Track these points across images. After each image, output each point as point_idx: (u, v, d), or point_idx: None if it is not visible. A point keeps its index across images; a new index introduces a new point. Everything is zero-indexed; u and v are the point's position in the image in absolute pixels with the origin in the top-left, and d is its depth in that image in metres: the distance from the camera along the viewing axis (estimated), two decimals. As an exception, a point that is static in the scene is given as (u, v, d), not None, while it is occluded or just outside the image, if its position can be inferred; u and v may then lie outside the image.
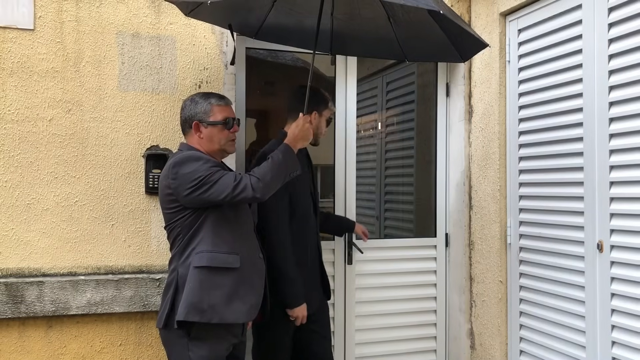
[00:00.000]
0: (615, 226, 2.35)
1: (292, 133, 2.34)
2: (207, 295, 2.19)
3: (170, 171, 2.23)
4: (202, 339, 2.22)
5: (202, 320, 2.18)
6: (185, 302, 2.18)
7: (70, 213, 2.79)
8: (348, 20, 2.67)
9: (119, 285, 2.79)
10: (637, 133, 2.27)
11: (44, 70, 2.76)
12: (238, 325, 2.33)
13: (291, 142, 2.32)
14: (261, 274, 2.38)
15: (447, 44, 2.53)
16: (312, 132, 2.41)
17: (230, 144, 2.38)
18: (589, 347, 2.44)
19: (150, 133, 2.91)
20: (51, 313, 2.70)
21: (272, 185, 2.23)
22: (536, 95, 2.85)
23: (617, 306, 2.33)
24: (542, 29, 2.79)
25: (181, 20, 2.93)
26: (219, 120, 2.34)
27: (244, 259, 2.27)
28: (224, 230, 2.25)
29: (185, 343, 2.22)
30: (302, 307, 2.56)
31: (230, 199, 2.16)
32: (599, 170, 2.42)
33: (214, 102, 2.36)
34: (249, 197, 2.17)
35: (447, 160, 3.57)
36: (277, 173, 2.23)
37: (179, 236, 2.27)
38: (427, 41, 2.63)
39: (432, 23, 2.39)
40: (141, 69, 2.90)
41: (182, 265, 2.24)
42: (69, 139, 2.80)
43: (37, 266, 2.75)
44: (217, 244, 2.23)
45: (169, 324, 2.24)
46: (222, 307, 2.20)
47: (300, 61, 3.90)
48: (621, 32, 2.32)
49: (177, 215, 2.26)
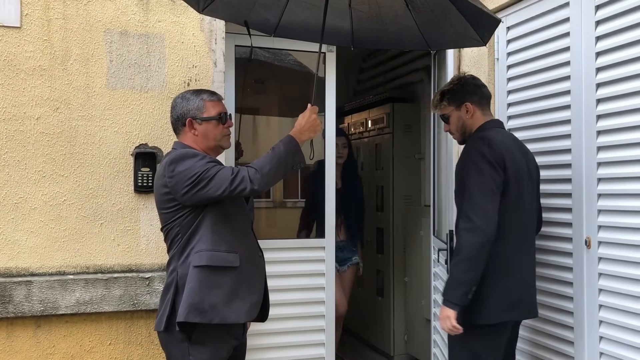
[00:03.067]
0: (602, 222, 2.37)
1: (298, 124, 2.27)
2: (207, 295, 2.15)
3: (166, 170, 2.19)
4: (203, 343, 2.18)
5: (204, 321, 2.14)
6: (186, 303, 2.14)
7: (59, 212, 2.78)
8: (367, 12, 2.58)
9: (108, 285, 2.78)
10: (624, 130, 2.29)
11: (31, 68, 2.74)
12: (239, 326, 2.30)
13: (296, 133, 2.25)
14: (261, 273, 2.36)
15: (466, 28, 2.41)
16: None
17: (225, 139, 2.35)
18: (577, 343, 2.46)
19: (139, 131, 2.90)
20: (40, 313, 2.69)
21: (271, 177, 2.17)
22: (524, 92, 2.86)
23: (604, 302, 2.35)
24: (531, 26, 2.80)
25: (169, 17, 2.92)
26: (213, 115, 2.31)
27: (243, 257, 2.24)
28: (222, 229, 2.22)
29: (185, 347, 2.18)
30: None
31: (229, 193, 2.12)
32: (586, 167, 2.43)
33: (206, 98, 2.33)
34: (247, 189, 2.13)
35: (437, 157, 3.58)
36: (277, 165, 2.17)
37: (178, 236, 2.22)
38: (447, 27, 2.52)
39: (449, 6, 2.28)
40: (129, 67, 2.88)
41: (182, 265, 2.20)
42: (57, 138, 2.78)
43: (25, 265, 2.73)
44: (216, 243, 2.20)
45: (169, 327, 2.19)
46: (223, 307, 2.16)
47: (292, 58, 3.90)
48: (608, 30, 2.34)
49: (175, 214, 2.22)
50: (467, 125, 2.52)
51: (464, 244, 2.27)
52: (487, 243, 2.26)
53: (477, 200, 2.28)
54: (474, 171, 2.32)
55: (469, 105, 2.50)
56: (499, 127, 2.52)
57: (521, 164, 2.40)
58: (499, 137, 2.41)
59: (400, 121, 4.67)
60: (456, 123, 2.55)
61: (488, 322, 2.33)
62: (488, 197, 2.28)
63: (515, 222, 2.37)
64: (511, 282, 2.34)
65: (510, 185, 2.34)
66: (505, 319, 2.38)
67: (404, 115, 4.68)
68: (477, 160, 2.32)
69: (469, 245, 2.26)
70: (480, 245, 2.25)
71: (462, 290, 2.27)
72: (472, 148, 2.39)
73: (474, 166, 2.33)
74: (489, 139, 2.37)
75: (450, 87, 2.56)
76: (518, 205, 2.38)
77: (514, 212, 2.36)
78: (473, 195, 2.30)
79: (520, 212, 2.39)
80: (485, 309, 2.31)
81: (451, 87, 2.56)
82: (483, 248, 2.25)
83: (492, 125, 2.51)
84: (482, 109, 2.53)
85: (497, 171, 2.31)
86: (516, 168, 2.37)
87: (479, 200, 2.28)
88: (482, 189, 2.29)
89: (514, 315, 2.40)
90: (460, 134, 2.57)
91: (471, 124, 2.52)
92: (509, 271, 2.35)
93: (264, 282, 2.37)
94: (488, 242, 2.26)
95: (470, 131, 2.53)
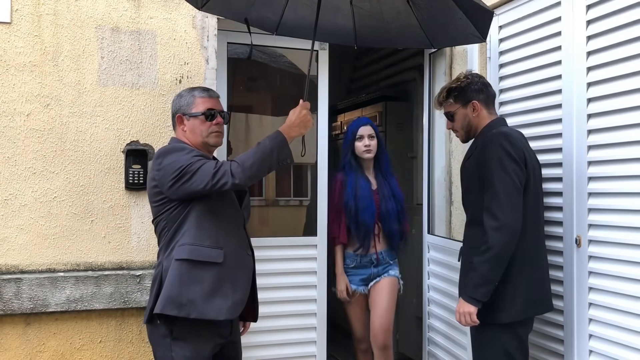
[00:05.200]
0: (592, 221, 2.38)
1: (288, 120, 2.26)
2: (186, 289, 2.15)
3: (154, 162, 2.23)
4: (185, 339, 2.18)
5: (181, 315, 2.14)
6: (164, 295, 2.14)
7: (49, 209, 2.76)
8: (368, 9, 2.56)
9: (98, 282, 2.76)
10: (615, 129, 2.30)
11: (21, 64, 2.72)
12: (225, 324, 2.28)
13: (285, 129, 2.23)
14: (248, 271, 2.34)
15: (467, 25, 2.39)
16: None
17: (212, 136, 2.33)
18: (566, 340, 2.47)
19: (130, 128, 2.88)
20: (29, 310, 2.67)
21: (254, 171, 2.15)
22: (516, 91, 2.87)
23: (594, 300, 2.36)
24: (522, 25, 2.80)
25: (161, 14, 2.91)
26: (200, 111, 2.31)
27: (228, 254, 2.23)
28: (207, 224, 2.22)
29: (167, 343, 2.18)
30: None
31: (211, 187, 2.12)
32: (577, 165, 2.44)
33: (197, 94, 2.35)
34: (228, 183, 2.12)
35: (431, 156, 3.58)
36: (260, 160, 2.15)
37: (165, 229, 2.24)
38: (449, 24, 2.51)
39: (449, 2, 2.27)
40: (121, 64, 2.87)
41: (167, 258, 2.21)
42: (47, 134, 2.76)
43: (15, 263, 2.71)
44: (200, 238, 2.20)
45: (152, 319, 2.20)
46: (202, 302, 2.15)
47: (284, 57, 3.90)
48: (599, 30, 2.35)
49: (162, 208, 2.23)
50: (473, 123, 2.51)
51: (494, 243, 2.25)
52: (515, 241, 2.27)
53: (502, 197, 2.27)
54: (497, 168, 2.30)
55: (476, 104, 2.48)
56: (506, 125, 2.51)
57: (534, 160, 2.42)
58: (516, 134, 2.41)
59: (393, 120, 4.67)
60: (461, 121, 2.53)
61: (516, 319, 2.33)
62: (513, 193, 2.28)
63: (535, 217, 2.38)
64: (534, 277, 2.36)
65: (530, 182, 2.35)
66: (531, 315, 2.41)
67: (397, 114, 4.67)
68: (500, 156, 2.30)
69: (498, 243, 2.25)
70: (509, 244, 2.26)
71: (487, 287, 2.28)
72: (493, 144, 2.35)
73: (497, 162, 2.30)
74: (508, 135, 2.36)
75: (457, 85, 2.52)
76: (536, 201, 2.39)
77: (533, 208, 2.37)
78: (498, 192, 2.28)
79: (538, 208, 2.41)
80: (511, 306, 2.31)
81: (458, 84, 2.52)
82: (510, 246, 2.26)
83: (500, 123, 2.50)
84: (488, 107, 2.52)
85: (520, 167, 2.31)
86: (533, 164, 2.38)
87: (504, 197, 2.27)
88: (506, 185, 2.28)
89: (537, 311, 2.43)
90: (464, 132, 2.55)
91: (477, 123, 2.51)
92: (532, 267, 2.36)
93: (250, 281, 2.36)
94: (515, 240, 2.27)
95: (476, 130, 2.51)
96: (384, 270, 3.30)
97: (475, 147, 2.48)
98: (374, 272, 3.29)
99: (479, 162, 2.40)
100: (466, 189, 2.54)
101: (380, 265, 3.30)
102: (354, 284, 3.28)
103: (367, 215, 3.21)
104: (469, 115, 2.50)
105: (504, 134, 2.37)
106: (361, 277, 3.28)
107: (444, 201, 3.45)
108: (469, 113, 2.50)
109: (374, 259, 3.27)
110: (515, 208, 2.27)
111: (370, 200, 3.23)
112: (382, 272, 3.29)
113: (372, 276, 3.29)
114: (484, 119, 2.50)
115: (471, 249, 2.43)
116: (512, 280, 2.31)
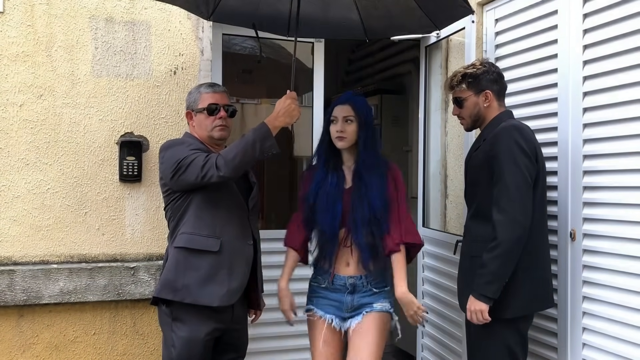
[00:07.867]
0: (587, 215, 2.39)
1: (275, 110, 2.26)
2: (182, 275, 2.26)
3: (159, 156, 2.36)
4: (183, 321, 2.28)
5: (175, 299, 2.25)
6: (162, 280, 2.29)
7: (42, 200, 2.74)
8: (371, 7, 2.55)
9: (92, 274, 2.75)
10: (610, 123, 2.30)
11: (14, 54, 2.70)
12: (225, 311, 2.32)
13: (270, 120, 2.24)
14: (247, 260, 2.39)
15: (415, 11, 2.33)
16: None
17: (216, 130, 2.39)
18: (560, 334, 2.48)
19: (125, 119, 2.87)
20: (22, 302, 2.66)
21: (237, 163, 2.18)
22: (512, 84, 2.86)
23: (587, 293, 2.37)
24: (519, 19, 2.80)
25: (156, 5, 2.89)
26: (203, 107, 2.39)
27: (225, 243, 2.30)
28: (206, 214, 2.30)
29: (169, 322, 2.30)
30: None
31: (201, 179, 2.20)
32: (572, 159, 2.45)
33: (202, 90, 2.43)
34: (214, 176, 2.18)
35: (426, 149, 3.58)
36: (243, 151, 2.18)
37: (171, 219, 2.36)
38: (393, 11, 2.44)
39: None
40: (115, 54, 2.85)
41: (171, 246, 2.33)
42: (40, 125, 2.74)
43: (8, 254, 2.70)
44: (198, 227, 2.29)
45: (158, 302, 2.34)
46: (196, 288, 2.25)
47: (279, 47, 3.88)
48: (595, 23, 2.35)
49: (168, 198, 2.35)
50: (482, 114, 2.44)
51: (503, 238, 2.20)
52: (524, 236, 2.21)
53: (513, 191, 2.21)
54: (509, 161, 2.24)
55: (489, 94, 2.42)
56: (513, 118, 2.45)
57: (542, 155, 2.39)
58: (527, 128, 2.36)
59: (389, 113, 4.66)
60: (471, 109, 2.45)
61: (520, 315, 2.31)
62: (524, 188, 2.23)
63: (542, 213, 2.35)
64: (539, 273, 2.33)
65: (540, 176, 2.31)
66: (535, 310, 2.39)
67: (392, 107, 4.67)
68: (512, 149, 2.24)
69: (508, 239, 2.20)
70: (519, 239, 2.20)
71: (498, 284, 2.22)
72: (506, 137, 2.28)
73: (509, 156, 2.24)
74: (520, 129, 2.30)
75: (473, 71, 2.43)
76: (543, 196, 2.37)
77: (541, 204, 2.34)
78: (508, 186, 2.22)
79: (544, 203, 2.38)
80: (516, 301, 2.28)
81: (474, 70, 2.43)
82: (520, 241, 2.21)
83: (508, 116, 2.44)
84: (499, 99, 2.46)
85: (531, 162, 2.26)
86: (542, 159, 2.35)
87: (515, 191, 2.21)
88: (517, 179, 2.22)
89: (540, 306, 2.40)
90: (471, 121, 2.48)
91: (486, 113, 2.44)
92: (538, 263, 2.32)
93: (250, 270, 2.40)
94: (525, 235, 2.21)
95: (484, 121, 2.45)
96: (366, 301, 2.42)
97: (484, 139, 2.41)
98: (348, 302, 2.42)
99: (490, 154, 2.33)
100: (472, 182, 2.48)
101: (357, 293, 2.43)
102: (324, 310, 2.46)
103: (325, 219, 2.41)
104: (480, 104, 2.43)
105: (516, 127, 2.31)
106: (333, 305, 2.45)
107: (439, 194, 3.45)
108: (480, 102, 2.43)
109: (348, 283, 2.43)
110: (525, 203, 2.22)
111: (335, 201, 2.42)
112: (362, 304, 2.42)
113: (346, 307, 2.42)
114: (493, 111, 2.44)
115: (474, 242, 2.39)
116: (518, 275, 2.26)
